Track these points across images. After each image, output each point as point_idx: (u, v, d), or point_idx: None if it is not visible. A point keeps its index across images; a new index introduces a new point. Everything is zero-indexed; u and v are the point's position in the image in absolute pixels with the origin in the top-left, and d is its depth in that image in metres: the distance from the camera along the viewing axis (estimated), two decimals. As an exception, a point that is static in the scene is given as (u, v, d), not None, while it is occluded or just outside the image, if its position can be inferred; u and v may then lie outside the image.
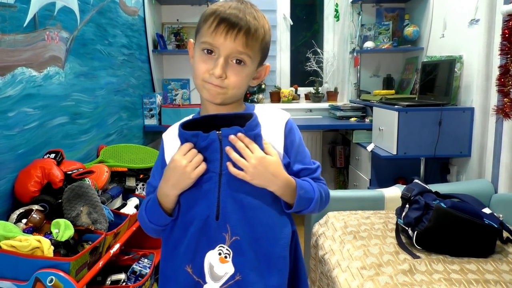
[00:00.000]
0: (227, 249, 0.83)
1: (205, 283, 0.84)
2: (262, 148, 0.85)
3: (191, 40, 0.95)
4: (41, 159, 1.44)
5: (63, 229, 1.20)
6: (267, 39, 0.91)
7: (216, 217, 0.83)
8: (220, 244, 0.83)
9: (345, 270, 1.56)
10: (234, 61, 0.86)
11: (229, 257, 0.83)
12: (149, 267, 1.69)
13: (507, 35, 1.94)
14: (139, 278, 1.63)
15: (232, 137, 0.82)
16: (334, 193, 2.24)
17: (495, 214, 1.73)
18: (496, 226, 1.60)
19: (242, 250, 0.83)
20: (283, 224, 0.88)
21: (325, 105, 3.46)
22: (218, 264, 0.83)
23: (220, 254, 0.83)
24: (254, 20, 0.86)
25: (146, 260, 1.74)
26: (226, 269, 0.83)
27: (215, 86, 0.86)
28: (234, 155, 0.82)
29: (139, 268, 1.67)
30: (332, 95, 3.52)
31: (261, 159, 0.82)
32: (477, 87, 2.32)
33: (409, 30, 3.16)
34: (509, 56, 1.96)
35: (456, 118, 2.40)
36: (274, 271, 0.84)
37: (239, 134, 0.82)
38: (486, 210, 1.70)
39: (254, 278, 0.83)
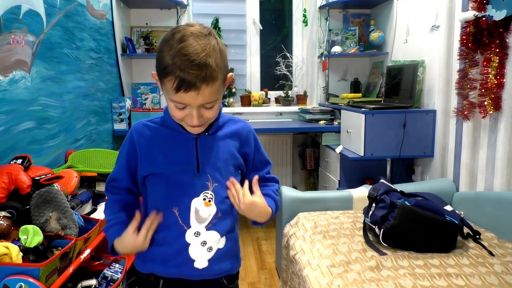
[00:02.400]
0: (210, 194, 1.01)
1: (189, 227, 1.00)
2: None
3: (154, 74, 0.98)
4: (8, 164, 1.40)
5: (31, 235, 1.18)
6: (225, 65, 0.95)
7: (197, 169, 1.01)
8: (204, 191, 1.01)
9: (315, 268, 1.60)
10: (204, 107, 0.95)
11: (212, 201, 1.01)
12: (121, 272, 1.67)
13: (465, 41, 2.05)
14: (111, 284, 1.61)
15: (229, 183, 1.03)
16: (304, 194, 2.30)
17: (456, 211, 1.82)
18: (457, 222, 1.68)
19: (220, 193, 1.02)
20: (235, 170, 1.09)
21: (294, 108, 3.53)
22: (203, 207, 1.00)
23: (204, 199, 1.01)
24: (211, 62, 0.89)
25: (117, 265, 1.72)
26: (210, 211, 1.01)
27: (194, 126, 0.98)
28: (232, 198, 1.03)
29: (111, 273, 1.64)
30: (301, 98, 3.58)
31: (249, 205, 1.01)
32: (438, 90, 2.43)
33: (374, 36, 3.27)
34: (467, 60, 2.06)
35: (420, 120, 2.50)
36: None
37: (232, 180, 1.03)
38: (448, 208, 1.78)
39: (228, 211, 1.04)
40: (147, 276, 1.07)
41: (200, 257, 1.01)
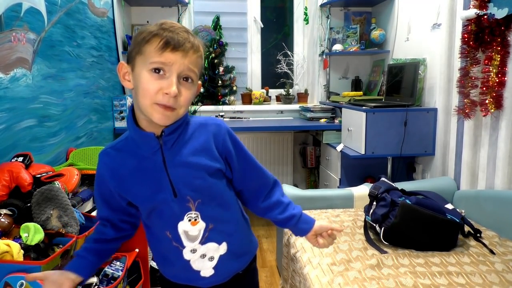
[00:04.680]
0: (195, 213, 0.96)
1: (184, 247, 0.98)
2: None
3: (123, 63, 0.94)
4: (9, 162, 1.41)
5: (32, 233, 1.19)
6: (203, 59, 0.96)
7: (174, 195, 0.94)
8: (187, 213, 0.96)
9: (316, 266, 1.60)
10: (183, 79, 0.89)
11: (199, 218, 0.97)
12: (122, 270, 1.67)
13: (466, 39, 2.04)
14: (111, 281, 1.61)
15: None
16: (305, 192, 2.30)
17: (457, 209, 1.82)
18: (458, 221, 1.68)
19: (205, 207, 0.97)
20: (217, 179, 1.00)
21: (295, 106, 3.52)
22: (190, 228, 0.97)
23: (190, 220, 0.96)
24: (195, 40, 0.90)
25: (118, 263, 1.72)
26: (199, 227, 0.97)
27: (166, 109, 0.88)
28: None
29: (111, 271, 1.64)
30: (302, 96, 3.58)
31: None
32: (439, 89, 2.42)
33: (375, 34, 3.26)
34: (468, 59, 2.06)
35: (421, 118, 2.49)
36: (226, 205, 1.02)
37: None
38: (449, 206, 1.78)
39: (221, 216, 1.00)
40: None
41: (204, 267, 1.01)
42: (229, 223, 1.03)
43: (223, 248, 1.01)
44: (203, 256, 0.99)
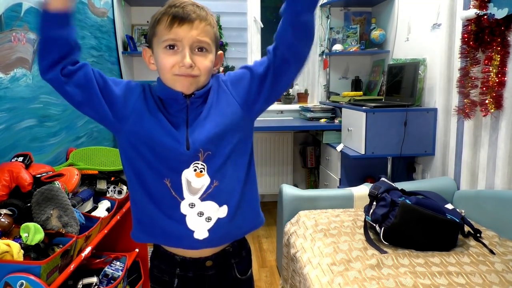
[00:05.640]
0: (201, 164, 0.96)
1: (183, 199, 0.96)
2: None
3: (146, 48, 1.02)
4: (9, 162, 1.40)
5: (33, 233, 1.18)
6: (216, 28, 1.00)
7: (187, 147, 0.95)
8: (194, 161, 0.95)
9: (316, 266, 1.60)
10: (197, 49, 0.95)
11: (204, 171, 0.96)
12: (121, 270, 1.68)
13: (466, 39, 2.04)
14: (111, 281, 1.62)
15: None
16: (305, 192, 2.29)
17: (457, 209, 1.82)
18: (457, 221, 1.69)
19: (214, 161, 0.96)
20: (233, 130, 1.02)
21: (295, 106, 3.52)
22: (194, 179, 0.95)
23: (195, 170, 0.95)
24: (202, 11, 0.95)
25: (118, 263, 1.73)
26: (203, 182, 0.96)
27: (186, 77, 0.94)
28: None
29: (111, 271, 1.65)
30: (302, 96, 3.58)
31: None
32: (439, 89, 2.42)
33: (375, 34, 3.26)
34: (468, 59, 2.06)
35: (421, 118, 2.50)
36: (237, 166, 1.00)
37: None
38: (449, 206, 1.78)
39: (229, 176, 0.98)
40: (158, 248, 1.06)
41: (199, 228, 0.96)
42: (234, 186, 1.00)
43: (223, 211, 0.98)
44: (201, 214, 0.96)
